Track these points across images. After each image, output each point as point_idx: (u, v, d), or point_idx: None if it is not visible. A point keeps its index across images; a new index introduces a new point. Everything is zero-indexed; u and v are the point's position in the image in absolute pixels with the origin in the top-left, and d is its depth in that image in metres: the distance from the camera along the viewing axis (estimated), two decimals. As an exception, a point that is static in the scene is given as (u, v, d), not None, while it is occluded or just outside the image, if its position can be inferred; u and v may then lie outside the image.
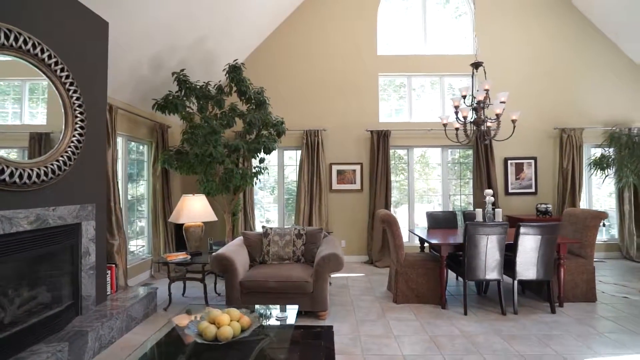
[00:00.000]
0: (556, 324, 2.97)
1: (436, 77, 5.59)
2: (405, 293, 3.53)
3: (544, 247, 3.20)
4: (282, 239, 3.54)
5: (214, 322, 1.87)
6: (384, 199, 5.20)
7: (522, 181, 5.40)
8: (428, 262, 3.55)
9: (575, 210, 3.86)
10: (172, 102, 3.60)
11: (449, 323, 3.02)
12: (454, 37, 5.64)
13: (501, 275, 3.26)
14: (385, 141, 5.22)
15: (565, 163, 5.26)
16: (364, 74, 5.41)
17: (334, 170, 5.36)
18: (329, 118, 5.36)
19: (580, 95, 5.37)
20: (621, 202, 5.28)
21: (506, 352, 2.49)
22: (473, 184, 5.41)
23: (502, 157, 5.37)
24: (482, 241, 3.19)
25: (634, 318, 3.08)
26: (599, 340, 2.67)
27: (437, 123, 5.42)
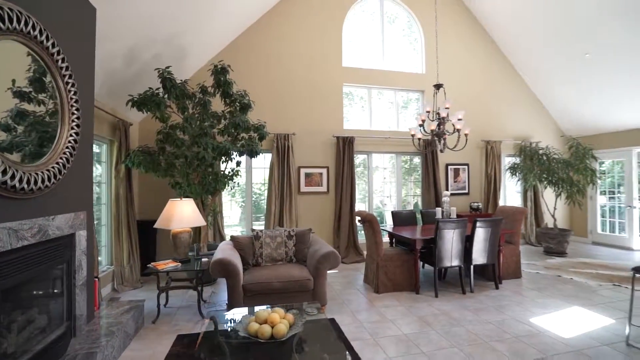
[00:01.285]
0: (502, 297, 3.75)
1: (392, 91, 6.25)
2: (385, 283, 3.96)
3: (491, 237, 3.98)
4: (274, 241, 3.62)
5: (265, 321, 1.96)
6: (349, 200, 5.61)
7: (459, 183, 6.42)
8: (403, 255, 4.06)
9: (505, 207, 4.84)
10: (153, 99, 3.35)
11: (427, 305, 3.54)
12: (407, 57, 6.39)
13: (462, 262, 3.93)
14: (350, 147, 5.64)
15: (489, 169, 6.44)
16: (331, 83, 5.75)
17: (302, 173, 5.56)
18: (298, 123, 5.55)
19: (499, 114, 6.65)
20: (525, 200, 6.71)
21: (478, 321, 3.09)
22: (422, 186, 6.22)
23: (445, 163, 6.30)
24: (449, 235, 3.82)
25: (548, 287, 4.06)
26: (533, 304, 3.49)
27: (392, 132, 6.09)
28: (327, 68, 5.74)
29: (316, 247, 3.56)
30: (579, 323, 3.05)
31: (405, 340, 2.74)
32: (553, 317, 3.19)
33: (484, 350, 2.57)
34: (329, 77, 5.75)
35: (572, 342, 2.70)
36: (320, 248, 3.44)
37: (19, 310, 1.87)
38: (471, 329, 2.96)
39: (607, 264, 5.09)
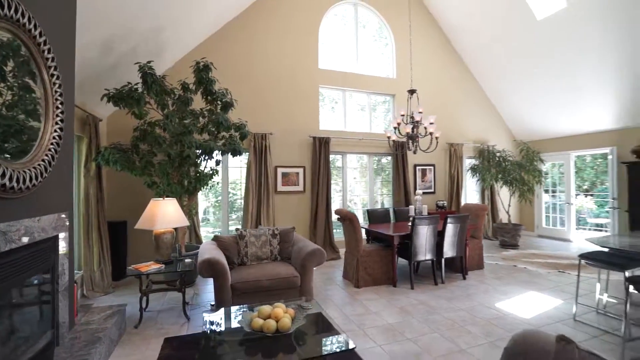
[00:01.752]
0: (469, 286, 4.11)
1: (365, 94, 6.50)
2: (365, 278, 4.15)
3: (459, 232, 4.34)
4: (259, 240, 3.64)
5: (268, 317, 2.01)
6: (325, 199, 5.75)
7: (425, 183, 6.84)
8: (381, 251, 4.27)
9: (469, 205, 5.28)
10: (133, 95, 3.20)
11: (404, 296, 3.78)
12: (379, 62, 6.68)
13: (434, 255, 4.24)
14: (326, 147, 5.78)
15: (452, 169, 6.95)
16: (307, 84, 5.84)
17: (279, 172, 5.59)
18: (275, 123, 5.57)
19: (461, 119, 7.19)
20: (483, 198, 7.34)
21: (452, 308, 3.38)
22: (392, 185, 6.54)
23: (413, 163, 6.69)
24: (423, 231, 4.10)
25: (507, 275, 4.52)
26: (496, 292, 3.88)
27: (366, 133, 6.33)
28: (304, 69, 5.83)
29: (300, 244, 3.64)
30: (536, 305, 3.46)
31: (390, 329, 2.93)
32: (514, 301, 3.59)
33: (460, 333, 2.84)
34: (305, 78, 5.83)
35: (532, 321, 3.08)
36: (306, 245, 3.53)
37: (4, 319, 1.74)
38: (447, 315, 3.23)
39: (551, 254, 5.76)
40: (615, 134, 6.11)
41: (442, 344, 2.65)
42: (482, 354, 2.51)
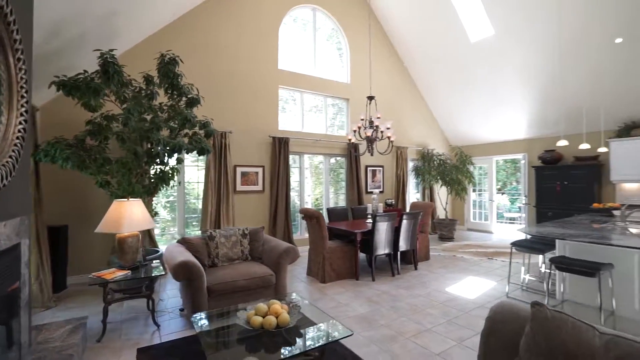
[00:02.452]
0: (422, 275, 4.60)
1: (322, 97, 6.71)
2: (330, 274, 4.35)
3: (412, 228, 4.81)
4: (229, 241, 3.58)
5: (266, 314, 2.07)
6: (285, 199, 5.82)
7: (375, 183, 7.34)
8: (344, 247, 4.52)
9: (418, 203, 5.85)
10: (91, 85, 2.88)
11: (368, 288, 4.08)
12: (335, 67, 6.96)
13: (391, 249, 4.64)
14: (285, 147, 5.85)
15: (398, 171, 7.58)
16: (267, 83, 5.83)
17: (239, 172, 5.49)
18: (235, 121, 5.45)
19: (406, 124, 7.87)
20: (424, 196, 8.14)
21: (412, 296, 3.77)
22: (346, 185, 6.88)
23: (364, 165, 7.12)
24: (383, 227, 4.46)
25: (450, 264, 5.15)
26: (444, 278, 4.42)
27: (322, 135, 6.56)
28: (264, 69, 5.81)
29: (272, 243, 3.68)
30: (476, 287, 4.05)
31: (364, 318, 3.17)
32: (459, 285, 4.14)
33: (423, 316, 3.21)
34: (265, 78, 5.82)
35: (477, 300, 3.61)
36: (279, 244, 3.59)
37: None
38: (409, 302, 3.60)
39: (480, 244, 6.69)
40: (526, 142, 7.35)
41: (411, 326, 2.98)
42: (444, 330, 2.90)
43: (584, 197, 6.00)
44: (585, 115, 6.07)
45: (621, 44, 4.94)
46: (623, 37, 4.88)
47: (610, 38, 4.97)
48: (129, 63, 3.96)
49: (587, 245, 3.01)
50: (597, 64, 5.35)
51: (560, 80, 5.91)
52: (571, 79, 5.78)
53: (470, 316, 3.19)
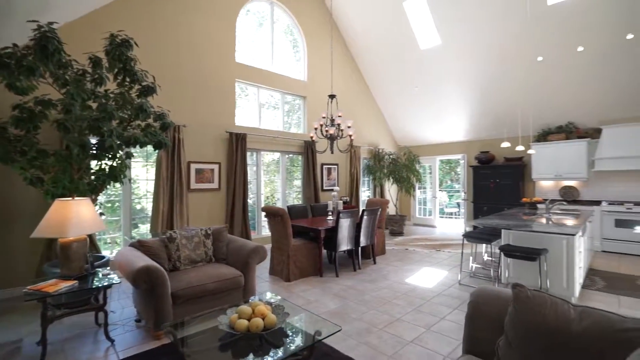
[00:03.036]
0: (381, 269, 4.81)
1: (279, 93, 6.60)
2: (294, 272, 4.31)
3: (372, 224, 5.00)
4: (191, 242, 3.33)
5: (251, 315, 1.98)
6: (242, 197, 5.59)
7: (330, 180, 7.46)
8: (308, 245, 4.51)
9: (374, 199, 6.10)
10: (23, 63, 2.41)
11: (334, 284, 4.13)
12: (292, 64, 6.89)
13: (353, 245, 4.76)
14: (243, 144, 5.62)
15: (352, 169, 7.81)
16: (224, 76, 5.54)
17: (193, 169, 5.13)
18: (189, 115, 5.07)
19: (360, 125, 8.13)
20: (375, 194, 8.51)
21: (377, 288, 3.92)
22: (303, 183, 6.87)
23: (320, 163, 7.19)
24: (346, 223, 4.56)
25: (404, 257, 5.47)
26: (402, 270, 4.68)
27: (280, 132, 6.45)
28: (221, 61, 5.50)
29: (238, 243, 3.52)
30: (432, 277, 4.37)
31: (336, 313, 3.20)
32: (417, 276, 4.42)
33: (391, 307, 3.36)
34: (222, 70, 5.52)
35: (434, 289, 3.89)
36: (246, 244, 3.44)
37: None
38: (375, 294, 3.73)
39: (427, 238, 7.23)
40: (464, 144, 8.15)
41: (382, 317, 3.09)
42: (412, 318, 3.07)
43: (512, 193, 6.86)
44: (512, 122, 6.94)
45: (542, 62, 5.74)
46: (543, 56, 5.68)
47: (534, 56, 5.75)
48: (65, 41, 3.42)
49: (527, 234, 3.45)
50: (522, 78, 6.14)
51: (493, 91, 6.67)
52: (501, 90, 6.55)
53: (432, 304, 3.43)
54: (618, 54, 5.17)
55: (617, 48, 5.10)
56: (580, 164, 6.15)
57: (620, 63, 5.25)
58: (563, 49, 5.44)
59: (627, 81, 5.40)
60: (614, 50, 5.15)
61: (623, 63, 5.23)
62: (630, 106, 5.68)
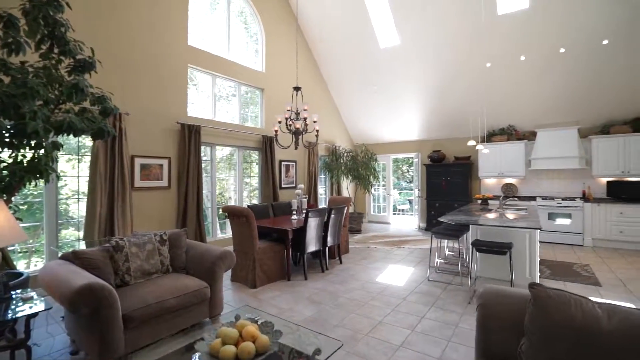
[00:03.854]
0: (349, 269, 4.68)
1: (235, 83, 6.09)
2: (261, 277, 3.95)
3: (339, 222, 4.85)
4: (143, 250, 2.80)
5: (237, 341, 1.65)
6: (196, 196, 5.02)
7: (289, 178, 7.15)
8: (274, 247, 4.18)
9: (336, 198, 5.96)
10: None
11: (304, 288, 3.88)
12: (250, 54, 6.41)
13: (321, 245, 4.55)
14: (197, 136, 5.05)
15: (310, 166, 7.60)
16: (175, 60, 4.89)
17: (138, 164, 4.43)
18: (134, 102, 4.36)
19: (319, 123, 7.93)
20: (332, 191, 8.42)
21: (349, 290, 3.77)
22: (261, 180, 6.47)
23: (279, 159, 6.84)
24: (314, 223, 4.33)
25: (369, 256, 5.43)
26: (370, 269, 4.62)
27: (236, 125, 5.97)
28: (172, 42, 4.84)
29: (200, 249, 3.08)
30: (400, 274, 4.37)
31: (314, 321, 2.96)
32: (386, 274, 4.38)
33: (370, 309, 3.23)
34: (173, 53, 4.86)
35: (406, 287, 3.87)
36: (210, 249, 3.02)
37: None
38: (349, 297, 3.57)
39: (385, 235, 7.35)
40: (417, 143, 8.48)
41: (364, 322, 2.94)
42: (394, 319, 2.97)
43: (461, 191, 7.30)
44: (461, 123, 7.39)
45: (490, 67, 6.17)
46: (491, 63, 6.10)
47: (483, 62, 6.15)
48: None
49: (493, 229, 3.59)
50: (472, 82, 6.55)
51: (445, 92, 7.00)
52: (453, 92, 6.92)
53: (408, 303, 3.38)
54: (553, 65, 5.76)
55: (553, 60, 5.68)
56: (519, 163, 6.77)
57: (554, 73, 5.85)
58: (508, 56, 5.90)
59: (559, 90, 6.06)
60: (550, 62, 5.73)
61: (556, 74, 5.84)
62: (561, 112, 6.39)
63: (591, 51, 5.37)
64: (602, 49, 5.29)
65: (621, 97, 5.78)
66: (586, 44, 5.33)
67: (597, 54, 5.38)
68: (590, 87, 5.82)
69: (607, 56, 5.35)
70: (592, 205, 5.90)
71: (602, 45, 5.26)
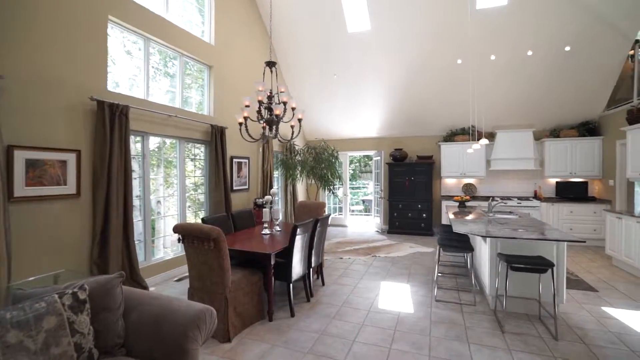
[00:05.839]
0: (336, 292, 3.80)
1: (176, 53, 4.59)
2: (235, 324, 2.80)
3: (324, 235, 3.92)
4: (36, 333, 1.45)
5: None
6: (122, 206, 3.51)
7: (241, 179, 5.89)
8: (249, 277, 3.05)
9: (306, 202, 5.01)
10: None
11: (297, 331, 2.87)
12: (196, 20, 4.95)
13: (306, 267, 3.56)
14: (123, 121, 3.52)
15: (265, 164, 6.44)
16: (87, 6, 3.27)
17: (21, 159, 2.77)
18: (13, 60, 2.69)
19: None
20: (285, 194, 7.39)
21: (355, 328, 2.90)
22: (208, 182, 5.09)
23: (230, 155, 5.54)
24: (301, 241, 3.32)
25: (348, 270, 4.63)
26: (361, 290, 3.81)
27: (178, 109, 4.53)
28: (78, -25, 3.22)
29: (153, 308, 1.84)
30: (399, 296, 3.66)
31: (344, 398, 2.01)
32: (384, 297, 3.63)
33: (400, 357, 2.41)
34: (80, -6, 3.24)
35: (417, 313, 3.17)
36: (171, 307, 1.81)
37: None
38: (363, 340, 2.70)
39: (349, 240, 6.66)
40: (377, 140, 8.00)
41: (410, 388, 2.11)
42: (444, 378, 2.21)
43: (425, 190, 7.05)
44: (424, 120, 7.13)
45: (457, 65, 5.93)
46: (462, 60, 5.88)
47: (453, 58, 5.89)
48: None
49: (516, 241, 3.13)
50: (438, 79, 6.27)
51: (410, 88, 6.62)
52: (418, 88, 6.57)
53: (439, 340, 2.67)
54: (518, 68, 5.78)
55: (519, 62, 5.69)
56: (480, 164, 6.79)
57: (517, 75, 5.90)
58: (479, 55, 5.72)
59: (519, 92, 6.16)
60: (516, 64, 5.73)
61: (520, 76, 5.90)
62: (519, 114, 6.56)
63: (553, 57, 5.50)
64: (562, 56, 5.45)
65: (571, 103, 6.13)
66: (550, 49, 5.42)
67: (557, 60, 5.53)
68: (547, 91, 6.04)
69: (565, 63, 5.54)
70: (547, 205, 6.17)
71: (563, 52, 5.41)
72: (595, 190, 6.28)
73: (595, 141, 6.09)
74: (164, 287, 3.99)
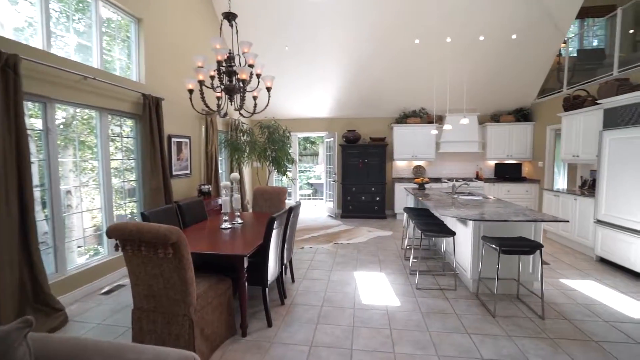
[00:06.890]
0: (309, 290, 3.39)
1: None
2: (202, 347, 2.17)
3: (294, 226, 3.42)
4: None
5: None
6: (16, 198, 2.48)
7: (182, 162, 4.94)
8: (217, 286, 2.42)
9: (266, 188, 4.40)
10: None
11: (282, 347, 2.38)
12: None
13: (280, 266, 3.04)
14: (10, 76, 2.43)
15: (209, 145, 5.54)
16: None
17: None
18: None
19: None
20: (233, 178, 6.58)
21: (346, 334, 2.54)
22: (141, 166, 4.09)
23: (167, 134, 4.55)
24: (276, 236, 2.78)
25: (322, 262, 4.23)
26: (336, 284, 3.47)
27: (96, 70, 3.44)
28: None
29: None
30: (378, 286, 3.41)
31: None
32: (362, 289, 3.34)
33: (410, 367, 2.13)
34: None
35: (405, 305, 2.96)
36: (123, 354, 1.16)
37: None
38: (361, 346, 2.35)
39: (304, 227, 6.25)
40: (329, 121, 7.61)
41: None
42: (463, 382, 1.99)
43: (379, 173, 6.97)
44: (378, 102, 6.96)
45: (413, 46, 5.81)
46: (419, 40, 5.76)
47: (411, 38, 5.73)
48: None
49: (496, 223, 3.10)
50: (393, 59, 6.10)
51: (365, 68, 6.33)
52: (373, 68, 6.32)
53: (439, 335, 2.46)
54: (469, 52, 5.90)
55: (471, 46, 5.80)
56: (430, 146, 6.94)
57: (468, 60, 6.03)
58: (435, 36, 5.65)
59: (468, 76, 6.33)
60: (468, 48, 5.83)
61: (470, 61, 6.05)
62: (465, 99, 6.79)
63: (500, 44, 5.72)
64: (508, 43, 5.70)
65: (510, 89, 6.56)
66: (499, 36, 5.61)
67: (503, 48, 5.77)
68: (492, 77, 6.34)
69: (508, 51, 5.82)
70: (489, 185, 6.62)
71: (510, 40, 5.66)
72: (525, 170, 6.95)
73: (528, 126, 6.67)
74: (88, 304, 3.07)
